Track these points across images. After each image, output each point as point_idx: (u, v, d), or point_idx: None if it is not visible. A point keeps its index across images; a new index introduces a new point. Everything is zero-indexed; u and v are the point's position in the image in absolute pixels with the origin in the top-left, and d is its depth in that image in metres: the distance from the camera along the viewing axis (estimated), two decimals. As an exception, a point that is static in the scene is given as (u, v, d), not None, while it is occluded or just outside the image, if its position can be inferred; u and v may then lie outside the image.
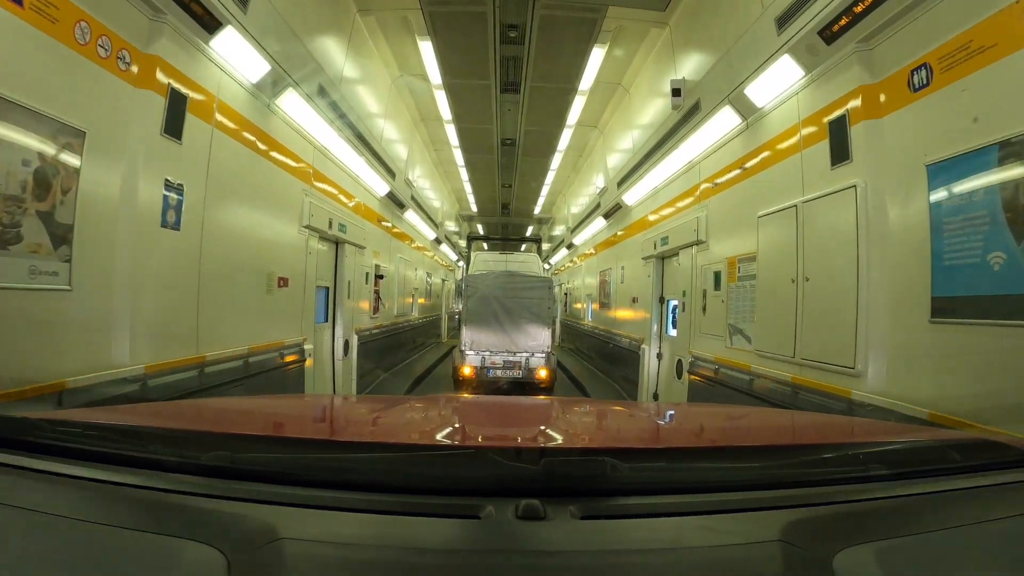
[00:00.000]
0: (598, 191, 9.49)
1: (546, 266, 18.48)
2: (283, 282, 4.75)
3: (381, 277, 7.73)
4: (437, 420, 1.58)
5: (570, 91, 7.37)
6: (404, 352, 9.66)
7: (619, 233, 8.50)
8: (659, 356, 6.54)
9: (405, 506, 0.75)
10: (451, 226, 16.85)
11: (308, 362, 5.28)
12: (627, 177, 7.62)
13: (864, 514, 0.77)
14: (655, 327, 6.59)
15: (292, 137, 4.92)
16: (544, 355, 7.11)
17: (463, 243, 18.45)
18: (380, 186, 7.57)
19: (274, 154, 4.57)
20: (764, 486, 0.83)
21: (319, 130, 5.33)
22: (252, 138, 4.22)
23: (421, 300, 11.97)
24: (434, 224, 12.58)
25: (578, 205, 12.37)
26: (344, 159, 6.16)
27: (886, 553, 0.66)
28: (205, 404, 2.02)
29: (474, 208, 16.34)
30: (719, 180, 4.93)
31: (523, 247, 23.22)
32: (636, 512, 0.77)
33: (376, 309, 7.69)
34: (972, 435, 1.38)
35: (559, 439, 1.30)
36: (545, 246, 18.84)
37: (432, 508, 0.75)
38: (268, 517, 0.70)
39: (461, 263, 19.10)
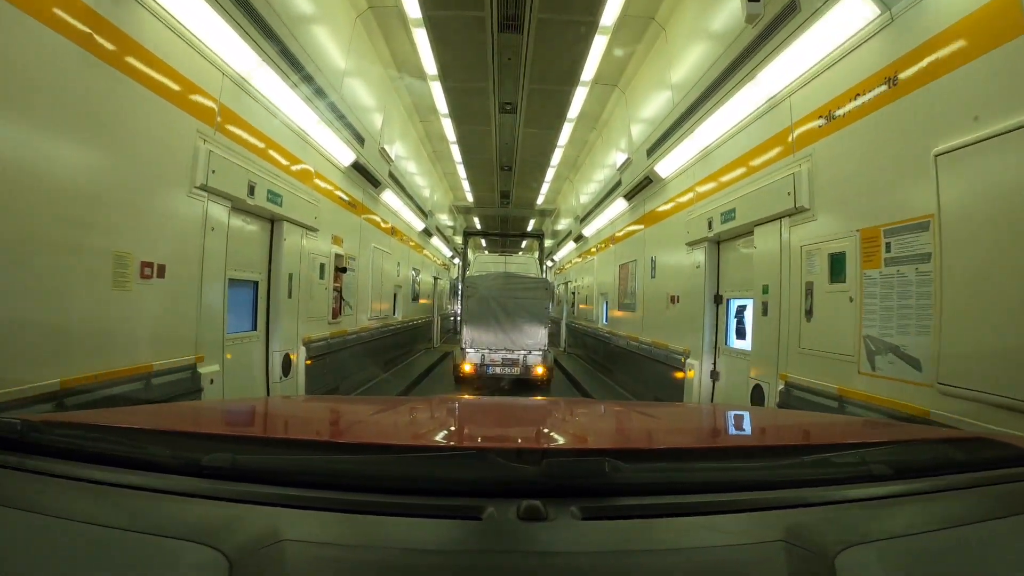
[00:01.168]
0: (618, 167, 7.76)
1: (549, 263, 16.93)
2: (153, 270, 3.01)
3: (344, 270, 5.99)
4: (438, 421, 1.52)
5: (588, 26, 5.64)
6: (380, 365, 7.91)
7: (648, 215, 6.77)
8: (714, 375, 4.82)
9: (406, 508, 0.74)
10: (445, 220, 15.13)
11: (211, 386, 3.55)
12: (662, 141, 5.91)
13: (866, 513, 0.75)
14: (708, 336, 4.85)
15: (179, 50, 3.19)
16: (541, 353, 7.28)
17: (459, 239, 16.92)
18: (342, 152, 5.84)
19: (139, 66, 2.85)
20: (766, 486, 0.81)
21: (229, 47, 3.60)
22: (85, 29, 2.49)
23: (405, 300, 10.24)
24: (422, 213, 10.86)
25: (588, 193, 10.64)
26: (279, 101, 4.43)
27: (888, 552, 0.65)
28: (205, 406, 2.00)
29: (470, 198, 14.57)
30: (836, 112, 3.21)
31: (523, 244, 22.00)
32: (638, 512, 0.74)
33: (337, 312, 5.95)
34: (972, 434, 1.30)
35: (560, 440, 1.29)
36: (548, 242, 17.19)
37: (433, 509, 0.74)
38: (269, 519, 0.69)
39: (456, 260, 17.56)
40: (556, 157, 10.29)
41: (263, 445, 0.96)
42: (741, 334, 4.47)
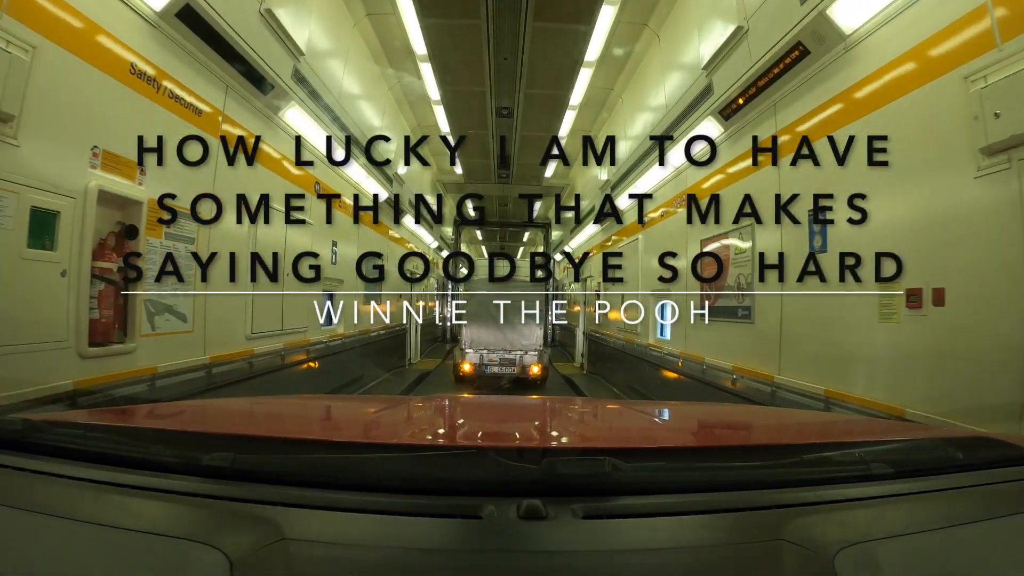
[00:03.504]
0: (704, 64, 4.45)
1: (557, 257, 14.00)
2: None
3: (135, 233, 2.70)
4: (438, 420, 1.54)
5: None
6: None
7: (790, 129, 3.44)
8: None
9: (407, 507, 0.74)
10: (429, 201, 11.83)
11: None
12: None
13: (866, 513, 0.76)
14: None
15: None
16: (536, 352, 7.55)
17: (447, 230, 13.93)
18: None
19: None
20: (766, 485, 0.81)
21: None
22: None
23: (365, 306, 6.97)
24: (385, 178, 7.55)
25: (631, 136, 7.19)
26: None
27: (887, 551, 0.65)
28: (207, 405, 2.02)
29: (458, 170, 11.26)
30: None
31: (526, 236, 19.19)
32: (638, 512, 0.75)
33: (112, 327, 2.65)
34: (972, 433, 1.31)
35: (561, 439, 1.30)
36: (556, 233, 14.49)
37: (434, 508, 0.74)
38: (270, 518, 0.69)
39: (446, 253, 14.63)
40: (580, 86, 6.88)
41: (264, 444, 0.95)
42: None
